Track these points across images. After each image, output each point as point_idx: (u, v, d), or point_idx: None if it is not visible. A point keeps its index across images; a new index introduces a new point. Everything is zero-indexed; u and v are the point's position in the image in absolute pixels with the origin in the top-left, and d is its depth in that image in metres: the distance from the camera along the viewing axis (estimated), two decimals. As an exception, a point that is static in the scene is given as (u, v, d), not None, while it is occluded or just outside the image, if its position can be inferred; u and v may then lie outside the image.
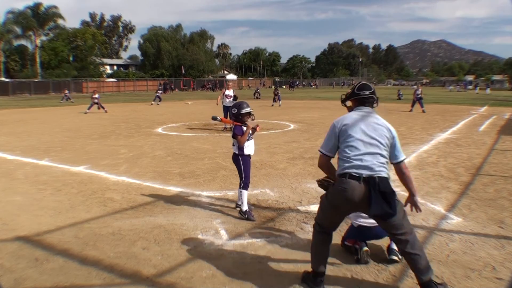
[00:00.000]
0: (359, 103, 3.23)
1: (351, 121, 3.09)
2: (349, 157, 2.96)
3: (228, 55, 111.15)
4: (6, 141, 11.21)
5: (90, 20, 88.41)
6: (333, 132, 3.13)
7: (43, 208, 5.20)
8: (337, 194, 2.97)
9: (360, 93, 3.23)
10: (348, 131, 3.03)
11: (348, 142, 3.01)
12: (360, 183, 2.87)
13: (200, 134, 12.30)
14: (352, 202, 2.90)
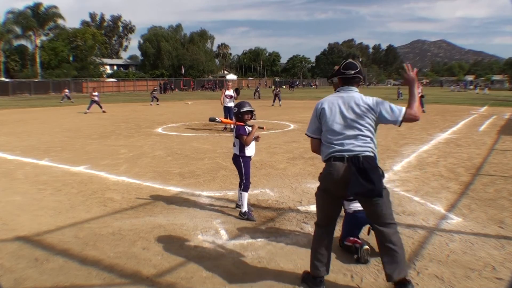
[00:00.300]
0: (344, 83, 3.18)
1: (330, 104, 3.07)
2: (331, 142, 2.99)
3: (228, 55, 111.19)
4: (6, 141, 11.22)
5: (90, 20, 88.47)
6: (314, 115, 3.16)
7: (43, 208, 5.20)
8: (324, 177, 3.01)
9: (345, 72, 3.17)
10: (327, 115, 3.03)
11: (329, 126, 3.02)
12: (344, 163, 2.88)
13: (200, 134, 12.30)
14: (339, 183, 2.88)
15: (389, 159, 8.17)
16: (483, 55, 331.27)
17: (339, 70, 3.21)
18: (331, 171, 2.92)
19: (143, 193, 5.84)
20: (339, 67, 3.23)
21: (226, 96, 13.28)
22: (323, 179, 3.04)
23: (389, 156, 8.55)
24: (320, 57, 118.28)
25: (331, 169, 2.93)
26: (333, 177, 2.91)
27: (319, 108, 3.11)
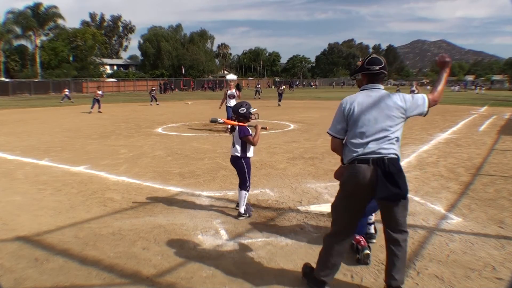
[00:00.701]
0: (369, 80, 2.99)
1: (360, 104, 2.88)
2: (357, 144, 2.84)
3: (228, 55, 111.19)
4: (6, 141, 11.22)
5: (90, 20, 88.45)
6: (341, 114, 2.94)
7: (43, 208, 5.20)
8: (349, 181, 2.86)
9: (370, 68, 2.96)
10: (356, 116, 2.86)
11: (358, 127, 2.86)
12: (370, 166, 2.77)
13: (200, 134, 12.30)
14: (365, 187, 2.77)
15: (389, 159, 8.18)
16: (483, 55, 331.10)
17: (362, 65, 3.02)
18: (357, 174, 2.79)
19: (143, 193, 5.84)
20: (363, 62, 3.05)
21: (229, 96, 12.99)
22: (347, 183, 2.88)
23: (389, 156, 8.54)
24: (320, 57, 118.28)
25: (356, 172, 2.80)
26: (358, 180, 2.78)
27: (348, 108, 2.90)
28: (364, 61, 3.02)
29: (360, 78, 3.09)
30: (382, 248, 3.85)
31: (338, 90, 60.66)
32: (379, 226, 3.33)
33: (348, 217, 2.94)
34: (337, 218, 3.01)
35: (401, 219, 2.87)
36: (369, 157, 2.79)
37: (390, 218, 2.89)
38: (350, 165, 2.88)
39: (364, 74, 3.01)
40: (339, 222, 2.99)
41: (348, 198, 2.90)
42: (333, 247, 2.99)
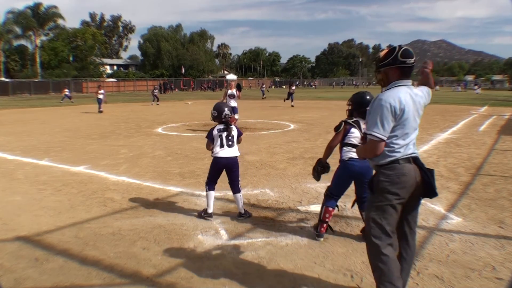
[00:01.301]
0: (402, 74, 2.69)
1: (407, 103, 2.64)
2: (400, 146, 2.63)
3: (228, 55, 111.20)
4: (6, 141, 11.22)
5: (90, 20, 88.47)
6: (390, 114, 2.58)
7: (43, 208, 5.21)
8: (394, 181, 2.60)
9: (406, 61, 2.66)
10: (406, 116, 2.62)
11: (403, 129, 2.63)
12: (411, 164, 2.65)
13: (200, 134, 12.30)
14: (411, 186, 2.62)
15: (389, 159, 8.18)
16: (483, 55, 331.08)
17: (395, 58, 2.67)
18: (405, 173, 2.61)
19: (143, 193, 5.84)
20: (394, 54, 2.67)
21: (229, 95, 12.92)
22: (393, 183, 2.61)
23: (389, 156, 8.54)
24: (320, 57, 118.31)
25: (403, 170, 2.61)
26: (406, 179, 2.61)
27: (399, 108, 2.59)
28: (397, 53, 2.66)
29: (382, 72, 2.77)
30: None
31: (338, 90, 60.64)
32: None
33: (394, 219, 2.67)
34: (382, 222, 2.64)
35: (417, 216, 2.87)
36: (409, 157, 2.66)
37: (414, 216, 2.80)
38: (392, 165, 2.62)
39: (397, 67, 2.68)
40: (384, 226, 2.64)
41: (392, 200, 2.61)
42: (380, 252, 2.64)
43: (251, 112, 19.12)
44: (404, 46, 2.73)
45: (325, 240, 4.08)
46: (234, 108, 12.51)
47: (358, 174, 3.99)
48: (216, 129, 4.88)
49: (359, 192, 4.10)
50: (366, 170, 3.83)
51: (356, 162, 3.93)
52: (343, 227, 4.45)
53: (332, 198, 4.13)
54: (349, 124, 4.11)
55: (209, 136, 4.94)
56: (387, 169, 2.64)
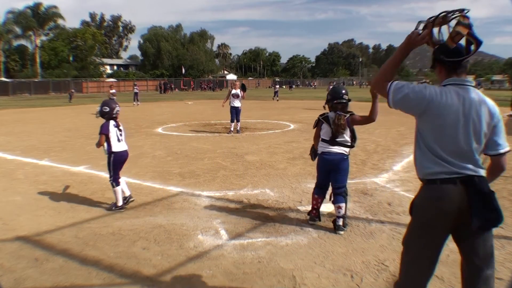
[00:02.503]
0: (450, 71, 2.22)
1: (450, 105, 2.13)
2: (440, 156, 2.14)
3: (228, 55, 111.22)
4: (6, 141, 11.22)
5: (90, 20, 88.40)
6: (422, 96, 2.14)
7: (43, 208, 5.21)
8: (429, 206, 2.15)
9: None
10: (442, 117, 2.13)
11: (439, 132, 2.14)
12: (457, 186, 2.11)
13: (200, 134, 12.30)
14: (452, 213, 2.10)
15: (389, 159, 8.18)
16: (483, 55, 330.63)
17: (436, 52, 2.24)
18: (440, 197, 2.12)
19: (143, 193, 5.84)
20: (448, 50, 2.17)
21: (233, 95, 12.48)
22: (426, 209, 2.16)
23: (389, 156, 8.55)
24: (320, 57, 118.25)
25: (439, 194, 2.12)
26: (444, 204, 2.11)
27: (435, 101, 2.15)
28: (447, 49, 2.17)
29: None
30: (382, 248, 3.87)
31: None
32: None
33: (425, 257, 2.20)
34: (409, 261, 2.24)
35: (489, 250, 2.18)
36: (456, 175, 2.13)
37: (481, 250, 2.16)
38: (428, 185, 2.21)
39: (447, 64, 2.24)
40: (412, 266, 2.23)
41: (425, 230, 2.17)
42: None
43: (251, 112, 19.12)
44: None
45: (325, 240, 4.08)
46: (238, 108, 12.27)
47: (333, 167, 4.37)
48: (111, 125, 5.10)
49: (332, 183, 4.45)
50: (338, 161, 4.33)
51: (327, 155, 4.37)
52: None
53: (318, 187, 4.57)
54: (320, 120, 4.47)
55: (105, 131, 5.05)
56: (425, 189, 2.22)
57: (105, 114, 5.14)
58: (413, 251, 2.21)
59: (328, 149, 4.34)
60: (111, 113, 5.14)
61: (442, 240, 2.18)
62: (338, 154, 4.33)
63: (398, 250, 3.82)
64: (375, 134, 11.27)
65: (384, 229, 4.39)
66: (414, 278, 2.21)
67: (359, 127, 4.67)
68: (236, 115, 12.14)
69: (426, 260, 2.19)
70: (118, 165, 5.13)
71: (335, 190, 4.36)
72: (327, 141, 4.36)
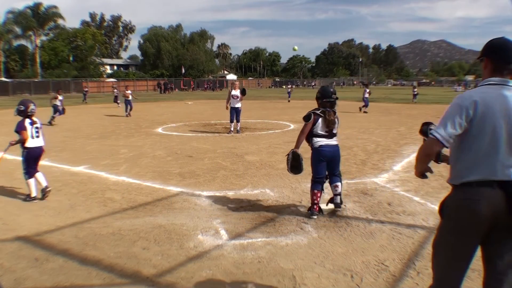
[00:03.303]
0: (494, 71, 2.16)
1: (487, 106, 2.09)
2: (476, 159, 2.12)
3: (228, 55, 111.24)
4: (6, 141, 11.18)
5: (90, 20, 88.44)
6: (458, 115, 2.12)
7: (43, 208, 5.21)
8: (464, 209, 2.09)
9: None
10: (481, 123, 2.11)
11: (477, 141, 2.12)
12: (494, 189, 2.06)
13: (200, 134, 12.30)
14: (489, 218, 2.05)
15: (389, 159, 8.18)
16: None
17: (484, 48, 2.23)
18: (479, 200, 2.05)
19: (143, 193, 5.84)
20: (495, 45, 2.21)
21: (233, 96, 12.41)
22: (460, 212, 2.11)
23: (389, 156, 8.55)
24: (320, 57, 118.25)
25: (477, 197, 2.06)
26: (480, 208, 2.04)
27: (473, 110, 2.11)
28: (497, 47, 2.22)
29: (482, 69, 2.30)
30: (382, 248, 3.87)
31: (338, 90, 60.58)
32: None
33: (458, 260, 2.16)
34: (441, 263, 2.22)
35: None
36: (493, 179, 2.08)
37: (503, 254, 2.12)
38: (464, 188, 2.14)
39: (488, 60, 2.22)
40: (444, 270, 2.20)
41: (460, 234, 2.13)
42: None
43: (251, 112, 19.11)
44: (502, 37, 2.29)
45: (325, 240, 4.08)
46: (237, 109, 12.24)
47: (332, 158, 4.77)
48: (27, 123, 5.56)
49: (330, 171, 4.84)
50: (335, 153, 4.80)
51: (326, 147, 4.74)
52: (343, 227, 4.45)
53: (316, 182, 4.80)
54: (317, 114, 4.75)
55: (20, 128, 5.62)
56: (458, 192, 2.17)
57: (20, 112, 5.66)
58: (448, 254, 2.17)
59: (326, 142, 4.75)
60: (26, 111, 5.63)
61: (476, 243, 2.14)
62: (336, 146, 4.82)
63: (398, 250, 3.84)
64: (375, 134, 11.27)
65: (384, 229, 4.39)
66: (448, 281, 2.19)
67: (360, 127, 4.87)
68: (236, 115, 12.12)
69: (461, 262, 2.16)
70: (31, 159, 5.51)
71: (333, 173, 4.86)
72: (326, 135, 4.76)
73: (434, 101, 28.24)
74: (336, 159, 4.83)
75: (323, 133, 4.74)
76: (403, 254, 3.75)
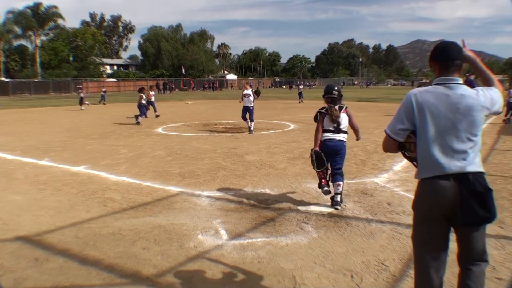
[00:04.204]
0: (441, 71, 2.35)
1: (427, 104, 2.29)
2: (433, 155, 2.29)
3: (228, 55, 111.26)
4: (6, 141, 11.21)
5: (90, 20, 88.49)
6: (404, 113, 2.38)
7: (43, 208, 5.21)
8: (425, 199, 2.31)
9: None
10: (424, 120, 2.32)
11: (423, 136, 2.34)
12: (450, 181, 2.23)
13: (200, 134, 12.30)
14: (445, 206, 2.23)
15: (389, 159, 8.17)
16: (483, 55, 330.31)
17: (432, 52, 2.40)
18: (436, 190, 2.24)
19: (143, 193, 5.84)
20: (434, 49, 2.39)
21: (245, 95, 12.68)
22: (423, 201, 2.31)
23: (389, 156, 8.54)
24: (320, 57, 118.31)
25: (435, 187, 2.25)
26: (438, 197, 2.24)
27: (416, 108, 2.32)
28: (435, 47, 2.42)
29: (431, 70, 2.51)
30: (382, 248, 3.87)
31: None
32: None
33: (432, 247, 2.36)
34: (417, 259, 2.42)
35: (481, 246, 2.32)
36: (449, 172, 2.24)
37: (469, 246, 2.34)
38: (425, 181, 2.32)
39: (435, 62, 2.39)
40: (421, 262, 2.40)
41: (426, 221, 2.32)
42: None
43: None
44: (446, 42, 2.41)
45: (325, 240, 4.08)
46: (249, 108, 12.46)
47: (334, 152, 5.06)
48: None
49: (333, 166, 5.10)
50: (341, 148, 5.10)
51: (329, 142, 5.07)
52: (343, 227, 4.45)
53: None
54: (322, 113, 5.13)
55: None
56: (421, 184, 2.35)
57: None
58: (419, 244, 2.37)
59: (331, 137, 5.07)
60: None
61: (443, 229, 2.32)
62: (339, 141, 5.09)
63: (398, 250, 3.84)
64: (375, 134, 11.27)
65: (384, 229, 4.39)
66: (426, 271, 2.34)
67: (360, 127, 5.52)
68: (249, 114, 12.36)
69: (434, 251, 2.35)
70: None
71: (335, 171, 5.09)
72: (332, 130, 5.07)
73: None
74: (337, 153, 5.07)
75: (330, 128, 5.08)
76: (403, 254, 3.75)
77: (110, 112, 21.10)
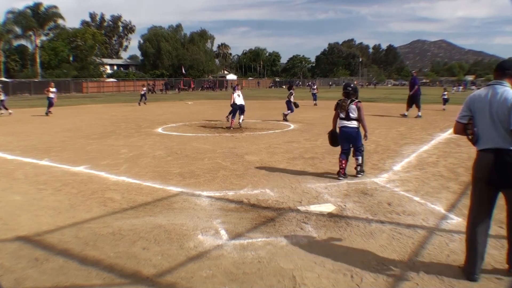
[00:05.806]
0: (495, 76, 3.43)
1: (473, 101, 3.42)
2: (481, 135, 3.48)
3: (228, 55, 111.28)
4: (6, 141, 11.21)
5: (90, 20, 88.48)
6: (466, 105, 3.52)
7: (43, 208, 5.21)
8: (475, 165, 3.53)
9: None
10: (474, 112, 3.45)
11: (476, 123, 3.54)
12: (489, 154, 3.39)
13: (200, 134, 12.30)
14: (489, 171, 3.32)
15: (389, 159, 8.18)
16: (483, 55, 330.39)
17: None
18: (481, 159, 3.43)
19: (143, 193, 5.84)
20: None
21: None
22: (475, 169, 3.50)
23: (389, 156, 8.55)
24: (320, 57, 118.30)
25: (480, 158, 3.45)
26: (482, 165, 3.39)
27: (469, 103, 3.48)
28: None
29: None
30: (382, 248, 3.87)
31: (337, 90, 60.57)
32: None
33: (479, 200, 3.44)
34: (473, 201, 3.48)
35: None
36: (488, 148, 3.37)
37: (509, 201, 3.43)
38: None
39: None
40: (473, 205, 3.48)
41: (477, 181, 3.43)
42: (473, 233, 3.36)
43: (251, 112, 19.12)
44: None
45: (325, 240, 4.09)
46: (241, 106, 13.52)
47: (348, 136, 6.53)
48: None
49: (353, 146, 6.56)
50: (352, 133, 6.49)
51: (345, 128, 6.54)
52: (343, 227, 4.45)
53: (342, 153, 6.57)
54: (337, 104, 6.65)
55: None
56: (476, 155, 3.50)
57: None
58: (472, 198, 3.49)
59: (344, 124, 6.53)
60: None
61: (488, 191, 3.41)
62: (350, 127, 6.50)
63: (398, 250, 3.84)
64: (375, 134, 11.27)
65: (384, 229, 4.39)
66: (475, 216, 3.40)
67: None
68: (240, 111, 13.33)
69: (482, 204, 3.42)
70: None
71: (355, 150, 6.56)
72: (344, 118, 6.53)
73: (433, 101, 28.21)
74: (352, 137, 6.48)
75: (343, 116, 6.53)
76: (403, 254, 3.75)
77: (109, 112, 21.09)
